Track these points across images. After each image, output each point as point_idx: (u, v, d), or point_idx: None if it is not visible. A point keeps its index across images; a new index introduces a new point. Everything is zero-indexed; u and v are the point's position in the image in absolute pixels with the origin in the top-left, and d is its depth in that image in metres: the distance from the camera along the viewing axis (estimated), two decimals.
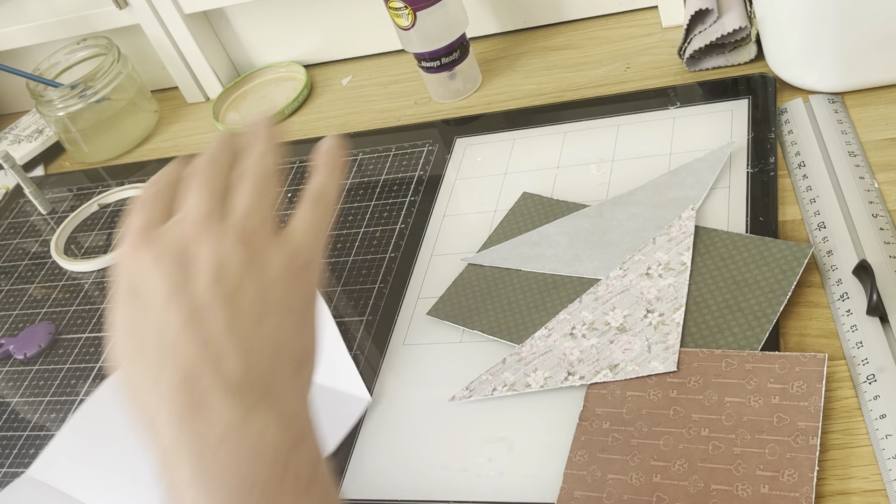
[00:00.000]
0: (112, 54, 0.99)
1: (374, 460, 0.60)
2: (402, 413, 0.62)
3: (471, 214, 0.75)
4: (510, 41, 0.94)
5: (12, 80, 1.15)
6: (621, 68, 0.84)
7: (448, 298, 0.68)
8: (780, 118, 0.71)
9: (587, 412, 0.56)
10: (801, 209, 0.64)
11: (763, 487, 0.49)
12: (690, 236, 0.63)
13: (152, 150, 1.01)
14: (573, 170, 0.74)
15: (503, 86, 0.88)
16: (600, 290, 0.63)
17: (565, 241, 0.68)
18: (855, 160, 0.65)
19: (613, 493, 0.52)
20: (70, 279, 0.87)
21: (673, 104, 0.76)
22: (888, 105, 0.69)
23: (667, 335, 0.58)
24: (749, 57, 0.77)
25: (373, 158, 0.85)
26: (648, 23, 0.88)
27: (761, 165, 0.67)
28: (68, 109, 0.98)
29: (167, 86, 1.10)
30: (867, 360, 0.53)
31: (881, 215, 0.61)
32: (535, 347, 0.61)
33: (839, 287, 0.57)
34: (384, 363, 0.65)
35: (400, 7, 0.81)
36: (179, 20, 0.98)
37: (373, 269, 0.73)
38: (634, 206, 0.68)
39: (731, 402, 0.53)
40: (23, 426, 0.73)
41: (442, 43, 0.84)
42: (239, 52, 1.05)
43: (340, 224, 0.78)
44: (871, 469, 0.49)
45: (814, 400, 0.51)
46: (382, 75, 0.98)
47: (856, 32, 0.67)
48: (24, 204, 1.00)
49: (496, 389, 0.60)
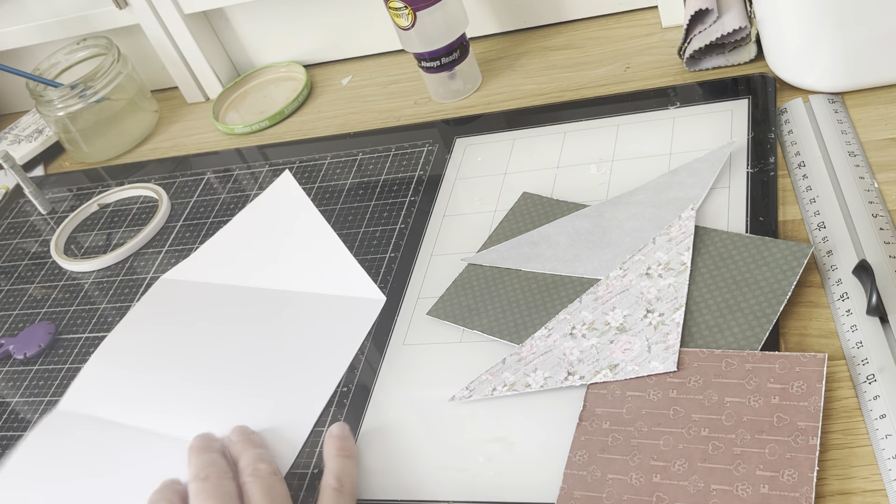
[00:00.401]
0: (112, 54, 0.99)
1: (374, 460, 0.60)
2: (402, 413, 0.62)
3: (471, 214, 0.75)
4: (510, 41, 0.94)
5: (12, 80, 1.15)
6: (621, 68, 0.84)
7: (448, 298, 0.68)
8: (780, 118, 0.71)
9: (587, 412, 0.56)
10: (801, 209, 0.64)
11: (763, 487, 0.49)
12: (690, 236, 0.63)
13: (152, 150, 1.01)
14: (573, 170, 0.74)
15: (503, 86, 0.88)
16: (600, 290, 0.63)
17: (565, 241, 0.68)
18: (855, 160, 0.65)
19: (613, 493, 0.52)
20: (70, 279, 0.87)
21: (673, 104, 0.76)
22: (888, 105, 0.69)
23: (667, 335, 0.58)
24: (749, 57, 0.77)
25: (373, 158, 0.85)
26: (648, 23, 0.88)
27: (761, 165, 0.67)
28: (68, 109, 0.98)
29: (167, 86, 1.10)
30: (867, 360, 0.53)
31: (881, 215, 0.61)
32: (535, 347, 0.61)
33: (839, 287, 0.57)
34: (384, 363, 0.65)
35: (400, 7, 0.81)
36: (179, 20, 0.99)
37: (373, 268, 0.73)
38: (634, 206, 0.68)
39: (731, 402, 0.53)
40: (23, 426, 0.73)
41: (442, 43, 0.84)
42: (239, 52, 1.05)
43: (340, 224, 0.78)
44: (871, 469, 0.49)
45: (814, 400, 0.51)
46: (382, 75, 0.98)
47: (856, 32, 0.67)
48: (24, 204, 1.00)
49: (496, 389, 0.60)
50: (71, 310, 0.83)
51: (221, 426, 0.64)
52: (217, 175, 0.92)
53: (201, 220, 0.87)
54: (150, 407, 0.70)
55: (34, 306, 0.85)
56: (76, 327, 0.81)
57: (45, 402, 0.74)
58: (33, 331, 0.81)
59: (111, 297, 0.82)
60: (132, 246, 0.87)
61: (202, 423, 0.65)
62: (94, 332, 0.79)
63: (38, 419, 0.73)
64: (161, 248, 0.86)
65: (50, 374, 0.77)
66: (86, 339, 0.79)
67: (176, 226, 0.88)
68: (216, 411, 0.67)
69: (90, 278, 0.86)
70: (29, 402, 0.75)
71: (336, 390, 0.65)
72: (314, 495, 0.59)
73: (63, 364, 0.77)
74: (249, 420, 0.64)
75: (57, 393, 0.75)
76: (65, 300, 0.84)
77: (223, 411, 0.66)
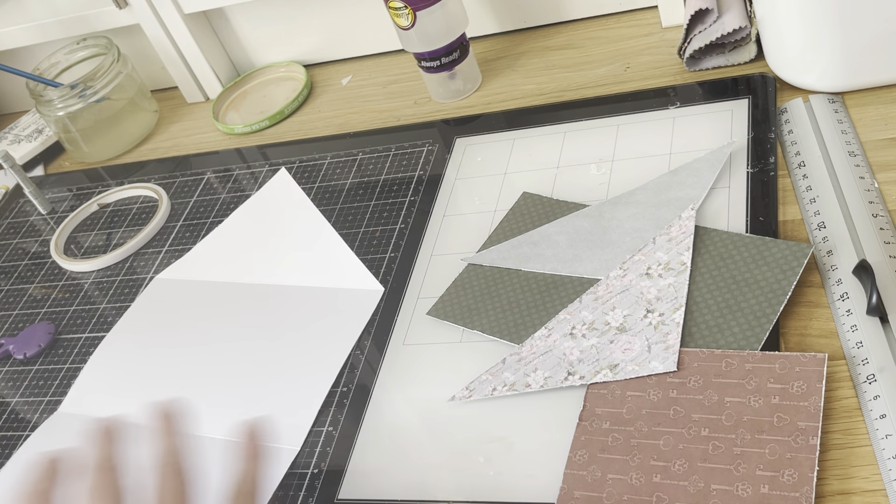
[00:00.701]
0: (112, 54, 0.99)
1: (374, 460, 0.60)
2: (402, 413, 0.62)
3: (471, 214, 0.75)
4: (510, 41, 0.94)
5: (12, 80, 1.15)
6: (621, 68, 0.84)
7: (448, 298, 0.68)
8: (780, 118, 0.71)
9: (587, 412, 0.56)
10: (801, 209, 0.64)
11: (763, 487, 0.49)
12: (690, 236, 0.63)
13: (152, 150, 1.01)
14: (573, 170, 0.74)
15: (503, 86, 0.88)
16: (600, 289, 0.63)
17: (565, 240, 0.68)
18: (855, 160, 0.65)
19: (613, 492, 0.52)
20: (70, 279, 0.87)
21: (673, 104, 0.76)
22: (888, 105, 0.69)
23: (667, 335, 0.58)
24: (749, 57, 0.77)
25: (373, 158, 0.85)
26: (648, 23, 0.88)
27: (761, 165, 0.67)
28: (68, 109, 0.98)
29: (167, 86, 1.10)
30: (867, 360, 0.53)
31: (881, 215, 0.61)
32: (535, 347, 0.61)
33: (839, 287, 0.57)
34: (384, 363, 0.65)
35: (400, 7, 0.81)
36: (179, 20, 0.98)
37: (373, 268, 0.73)
38: (634, 206, 0.68)
39: (731, 402, 0.53)
40: (23, 426, 0.73)
41: (442, 43, 0.84)
42: (239, 52, 1.05)
43: (340, 224, 0.78)
44: (871, 469, 0.49)
45: (814, 400, 0.51)
46: (382, 75, 0.98)
47: (855, 32, 0.67)
48: (24, 204, 1.00)
49: (496, 389, 0.60)
50: (71, 310, 0.83)
51: (222, 422, 0.64)
52: (217, 175, 0.92)
53: (201, 219, 0.87)
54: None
55: (34, 306, 0.85)
56: (76, 327, 0.81)
57: (45, 402, 0.74)
58: (33, 331, 0.81)
59: (111, 297, 0.82)
60: (132, 246, 0.87)
61: (203, 420, 0.65)
62: (94, 332, 0.79)
63: (39, 419, 0.73)
64: (161, 248, 0.86)
65: (50, 374, 0.77)
66: (86, 339, 0.79)
67: (176, 226, 0.88)
68: (217, 407, 0.67)
69: (90, 278, 0.86)
70: (29, 402, 0.75)
71: (336, 390, 0.65)
72: (314, 495, 0.59)
73: (63, 364, 0.77)
74: (249, 416, 0.64)
75: (57, 393, 0.75)
76: (65, 300, 0.84)
77: (224, 407, 0.66)
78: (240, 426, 0.55)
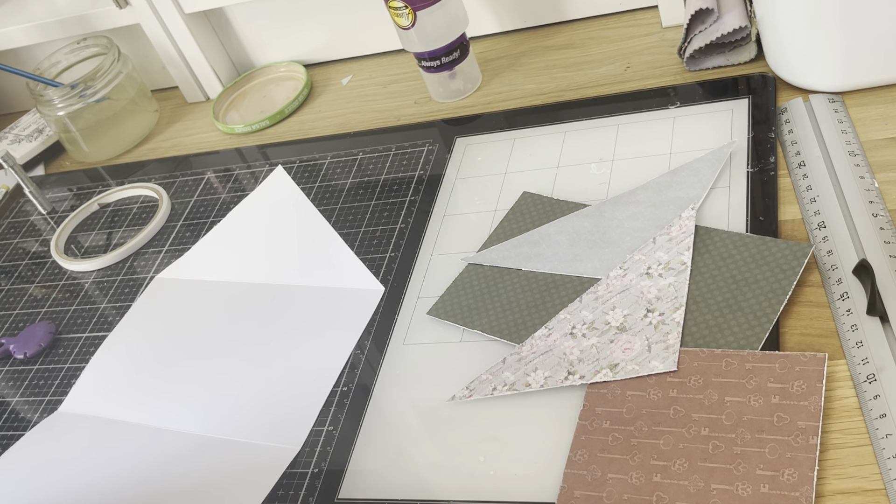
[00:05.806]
0: (112, 54, 0.99)
1: (374, 460, 0.60)
2: (402, 413, 0.62)
3: (471, 214, 0.75)
4: (510, 41, 0.94)
5: (12, 80, 1.15)
6: (621, 68, 0.84)
7: (448, 298, 0.68)
8: (781, 118, 0.71)
9: (587, 412, 0.56)
10: (801, 209, 0.64)
11: (763, 487, 0.49)
12: (690, 236, 0.63)
13: (152, 150, 1.01)
14: (573, 169, 0.74)
15: (503, 85, 0.88)
16: (600, 289, 0.63)
17: (565, 240, 0.68)
18: (855, 160, 0.65)
19: (613, 492, 0.52)
20: (70, 279, 0.87)
21: (673, 104, 0.76)
22: (888, 105, 0.69)
23: (667, 335, 0.58)
24: (749, 56, 0.77)
25: (373, 158, 0.85)
26: (648, 22, 0.88)
27: (761, 165, 0.67)
28: (68, 109, 0.98)
29: (167, 85, 1.10)
30: (867, 359, 0.53)
31: (881, 215, 0.61)
32: (535, 347, 0.61)
33: (839, 287, 0.57)
34: (384, 363, 0.66)
35: (400, 7, 0.81)
36: (179, 20, 0.99)
37: (373, 268, 0.73)
38: (634, 206, 0.68)
39: (731, 401, 0.53)
40: (23, 426, 0.73)
41: (442, 42, 0.84)
42: (239, 52, 1.05)
43: (341, 223, 0.79)
44: (871, 469, 0.49)
45: (814, 399, 0.52)
46: (382, 75, 0.98)
47: (856, 32, 0.67)
48: (24, 203, 1.00)
49: (496, 389, 0.60)
50: (71, 309, 0.83)
51: (224, 421, 0.64)
52: (217, 175, 0.92)
53: (201, 219, 0.87)
54: (152, 404, 0.70)
55: (34, 306, 0.85)
56: (76, 327, 0.81)
57: (45, 401, 0.74)
58: (33, 330, 0.81)
59: (111, 296, 0.82)
60: (132, 246, 0.87)
61: (204, 420, 0.65)
62: (95, 331, 0.79)
63: (39, 419, 0.73)
64: (161, 248, 0.86)
65: (50, 374, 0.77)
66: (86, 339, 0.79)
67: (176, 225, 0.88)
68: (218, 407, 0.67)
69: (90, 278, 0.86)
70: (29, 402, 0.75)
71: (336, 390, 0.65)
72: (314, 494, 0.59)
73: (63, 364, 0.77)
74: (250, 416, 0.65)
75: (57, 393, 0.75)
76: (65, 300, 0.84)
77: (225, 407, 0.66)
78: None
